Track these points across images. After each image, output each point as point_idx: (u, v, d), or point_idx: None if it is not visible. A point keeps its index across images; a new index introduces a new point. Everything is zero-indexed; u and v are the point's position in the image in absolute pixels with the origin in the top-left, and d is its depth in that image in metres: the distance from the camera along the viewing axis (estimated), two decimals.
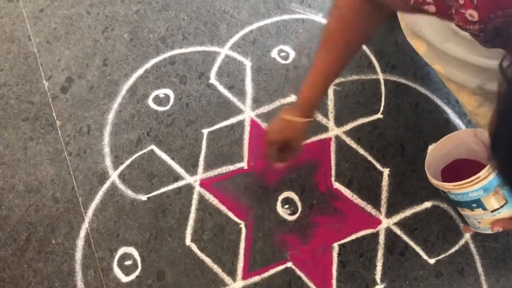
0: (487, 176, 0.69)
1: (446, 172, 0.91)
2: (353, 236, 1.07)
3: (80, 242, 1.04)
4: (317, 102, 0.82)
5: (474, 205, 0.73)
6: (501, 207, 0.71)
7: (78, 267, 1.02)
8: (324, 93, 0.81)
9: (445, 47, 0.94)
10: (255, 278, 1.02)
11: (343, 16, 0.71)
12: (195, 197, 1.08)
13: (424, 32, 0.98)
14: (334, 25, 0.73)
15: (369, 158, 1.14)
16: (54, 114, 1.15)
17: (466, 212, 0.77)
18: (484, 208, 0.72)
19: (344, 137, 1.15)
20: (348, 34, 0.73)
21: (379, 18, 0.72)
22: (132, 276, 1.01)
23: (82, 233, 1.04)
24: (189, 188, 1.09)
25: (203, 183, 1.10)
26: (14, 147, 1.12)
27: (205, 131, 1.15)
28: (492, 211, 0.72)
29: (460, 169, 0.89)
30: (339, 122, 1.17)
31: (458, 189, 0.73)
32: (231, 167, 1.12)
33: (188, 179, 1.10)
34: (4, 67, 1.20)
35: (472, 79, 0.95)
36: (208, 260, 1.03)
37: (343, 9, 0.70)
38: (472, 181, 0.70)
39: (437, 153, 0.89)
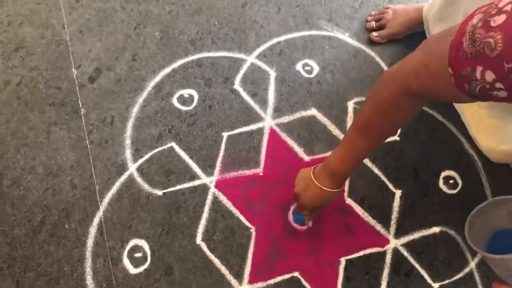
0: None
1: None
2: (361, 253, 1.08)
3: (93, 230, 1.05)
4: (350, 175, 0.88)
5: None
6: None
7: (88, 254, 1.03)
8: (357, 168, 0.85)
9: None
10: (261, 284, 1.03)
11: (382, 110, 0.72)
12: (209, 197, 1.10)
13: None
14: (371, 115, 0.74)
15: (383, 178, 1.15)
16: (80, 102, 1.18)
17: None
18: None
19: None
20: (386, 126, 0.76)
21: (418, 108, 0.73)
22: (141, 269, 1.02)
23: (96, 221, 1.06)
24: (205, 188, 1.11)
25: (218, 185, 1.12)
26: (38, 130, 1.14)
27: (225, 134, 1.17)
28: None
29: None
30: None
31: None
32: (247, 172, 1.14)
33: (204, 179, 1.12)
34: (36, 51, 1.23)
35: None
36: (216, 261, 1.04)
37: (382, 104, 0.71)
38: None
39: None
